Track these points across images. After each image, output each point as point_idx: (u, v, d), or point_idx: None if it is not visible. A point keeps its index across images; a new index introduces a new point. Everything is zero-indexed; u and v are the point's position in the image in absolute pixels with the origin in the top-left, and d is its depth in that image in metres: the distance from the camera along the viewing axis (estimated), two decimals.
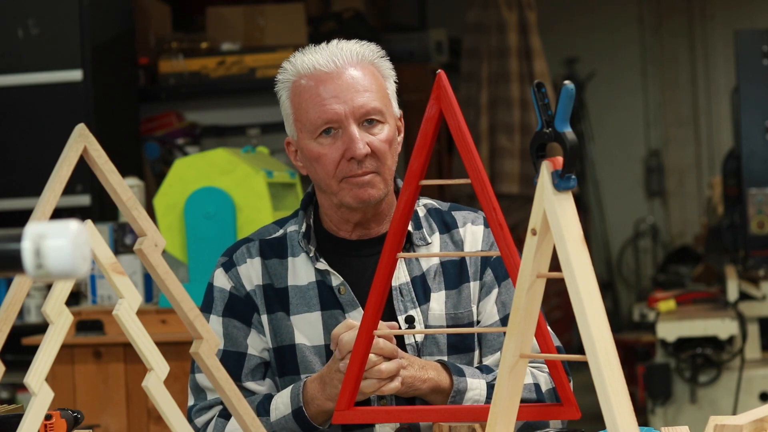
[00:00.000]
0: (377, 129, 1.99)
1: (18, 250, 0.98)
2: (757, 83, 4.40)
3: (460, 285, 2.05)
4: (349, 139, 1.96)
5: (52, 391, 1.41)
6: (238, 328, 2.05)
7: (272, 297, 2.04)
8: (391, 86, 2.05)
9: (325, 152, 1.98)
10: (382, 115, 1.99)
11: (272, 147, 4.44)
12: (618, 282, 7.96)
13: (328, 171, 1.99)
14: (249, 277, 2.06)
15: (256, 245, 2.08)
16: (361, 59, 2.01)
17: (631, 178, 7.95)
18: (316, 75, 2.00)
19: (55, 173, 1.38)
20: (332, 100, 1.97)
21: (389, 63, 2.06)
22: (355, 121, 1.97)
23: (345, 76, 1.98)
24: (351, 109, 1.97)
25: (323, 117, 1.98)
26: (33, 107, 4.34)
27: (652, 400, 4.36)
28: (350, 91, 1.97)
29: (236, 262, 2.07)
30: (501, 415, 1.44)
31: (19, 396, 4.22)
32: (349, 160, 1.97)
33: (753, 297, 4.44)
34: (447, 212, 2.11)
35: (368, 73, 2.00)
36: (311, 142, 2.00)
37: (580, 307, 1.31)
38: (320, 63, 2.00)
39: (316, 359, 2.02)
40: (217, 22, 5.08)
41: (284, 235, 2.08)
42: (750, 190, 4.37)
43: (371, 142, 1.97)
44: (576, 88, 1.40)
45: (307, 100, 2.00)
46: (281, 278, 2.05)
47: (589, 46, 7.80)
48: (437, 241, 2.07)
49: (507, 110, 5.49)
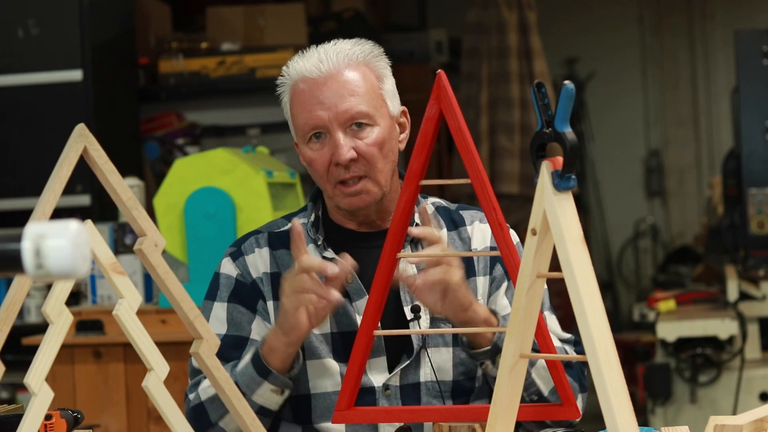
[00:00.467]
0: (365, 132, 2.00)
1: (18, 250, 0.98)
2: (757, 83, 4.40)
3: (467, 279, 2.06)
4: (334, 144, 1.99)
5: (52, 391, 1.41)
6: (243, 313, 2.06)
7: (279, 284, 2.05)
8: (387, 85, 2.05)
9: (315, 157, 2.01)
10: (370, 117, 2.00)
11: (272, 147, 4.44)
12: (618, 282, 7.95)
13: (321, 175, 2.02)
14: (256, 265, 2.08)
15: (265, 237, 2.11)
16: (350, 61, 2.01)
17: (631, 178, 7.95)
18: (305, 80, 2.02)
19: (55, 173, 1.38)
20: (317, 107, 1.99)
21: (385, 61, 2.06)
22: (339, 126, 1.99)
23: (330, 82, 1.99)
24: (335, 115, 1.98)
25: (309, 123, 2.01)
26: (33, 107, 4.33)
27: (652, 400, 4.36)
28: (335, 96, 1.99)
29: (244, 251, 2.10)
30: (501, 415, 1.44)
31: (19, 396, 4.22)
32: (336, 165, 1.99)
33: (753, 297, 4.44)
34: (455, 211, 2.14)
35: (358, 74, 2.01)
36: (304, 147, 2.04)
37: (580, 307, 1.31)
38: (306, 69, 2.02)
39: (323, 346, 2.03)
40: (217, 22, 5.08)
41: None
42: (750, 190, 4.37)
43: (357, 147, 1.99)
44: (576, 88, 1.40)
45: (297, 106, 2.03)
46: (289, 267, 2.06)
47: (589, 46, 7.79)
48: (445, 238, 2.07)
49: (507, 110, 5.49)
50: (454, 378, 2.05)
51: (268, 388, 1.94)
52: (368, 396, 2.01)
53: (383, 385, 2.02)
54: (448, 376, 2.05)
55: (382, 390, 2.02)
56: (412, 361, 2.03)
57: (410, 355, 2.03)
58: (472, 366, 2.05)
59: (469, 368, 2.06)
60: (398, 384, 2.02)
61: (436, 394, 2.04)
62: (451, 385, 2.05)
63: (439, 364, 2.03)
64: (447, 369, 2.04)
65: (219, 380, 1.41)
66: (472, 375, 2.06)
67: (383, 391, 2.02)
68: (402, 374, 2.03)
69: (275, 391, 1.95)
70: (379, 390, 2.02)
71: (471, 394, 2.07)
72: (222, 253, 2.14)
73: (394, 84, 2.08)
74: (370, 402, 2.01)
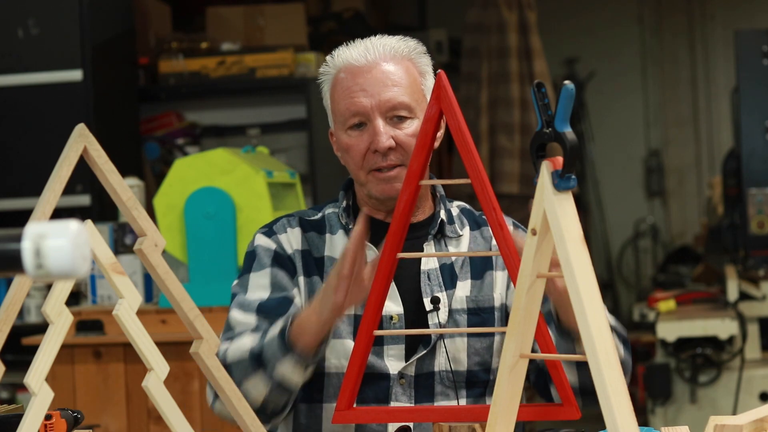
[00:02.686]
0: (406, 124, 2.04)
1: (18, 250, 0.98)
2: (757, 83, 4.40)
3: (483, 273, 2.10)
4: (374, 132, 2.02)
5: (52, 391, 1.41)
6: (285, 278, 2.08)
7: (310, 262, 2.09)
8: (428, 82, 2.09)
9: (353, 143, 2.05)
10: (411, 110, 2.04)
11: (272, 147, 4.44)
12: (618, 282, 7.95)
13: (356, 162, 2.05)
14: (289, 242, 2.11)
15: (296, 219, 2.14)
16: (396, 54, 2.05)
17: (631, 178, 7.95)
18: (350, 68, 2.05)
19: (55, 173, 1.38)
20: (360, 94, 2.03)
21: (427, 59, 2.11)
22: (381, 114, 2.02)
23: (375, 71, 2.03)
24: (377, 103, 2.02)
25: (351, 109, 2.04)
26: (33, 107, 4.33)
27: (652, 400, 4.36)
28: (378, 85, 2.02)
29: (277, 231, 2.13)
30: (501, 415, 1.44)
31: (19, 396, 4.22)
32: (374, 152, 2.03)
33: (753, 297, 4.44)
34: (479, 216, 2.18)
35: (402, 68, 2.05)
36: (343, 134, 2.07)
37: (580, 307, 1.31)
38: (353, 57, 2.05)
39: (346, 327, 2.04)
40: (217, 22, 5.08)
41: (322, 217, 2.15)
42: (750, 190, 4.37)
43: (396, 136, 2.02)
44: (576, 88, 1.40)
45: (340, 93, 2.06)
46: (319, 249, 2.10)
47: (589, 46, 7.79)
48: (467, 236, 2.14)
49: (507, 110, 5.48)
50: (469, 368, 2.07)
51: (290, 363, 1.93)
52: (383, 382, 2.03)
53: (398, 373, 2.03)
54: (462, 366, 2.07)
55: (397, 378, 2.03)
56: (429, 350, 2.05)
57: (427, 345, 2.05)
58: (487, 357, 2.08)
59: (484, 359, 2.08)
60: (413, 374, 2.04)
61: (450, 384, 2.05)
62: (465, 375, 2.07)
63: (453, 354, 2.06)
64: (461, 359, 2.06)
65: (219, 380, 1.41)
66: (486, 366, 2.08)
67: (398, 379, 2.03)
68: (417, 363, 2.05)
69: (297, 368, 1.94)
70: (393, 377, 2.03)
71: (484, 385, 2.09)
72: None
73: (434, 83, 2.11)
74: (384, 388, 2.03)
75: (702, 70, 7.79)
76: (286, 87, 4.68)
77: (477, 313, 2.08)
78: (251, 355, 1.95)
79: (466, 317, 2.06)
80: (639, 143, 7.94)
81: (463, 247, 2.12)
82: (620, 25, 7.88)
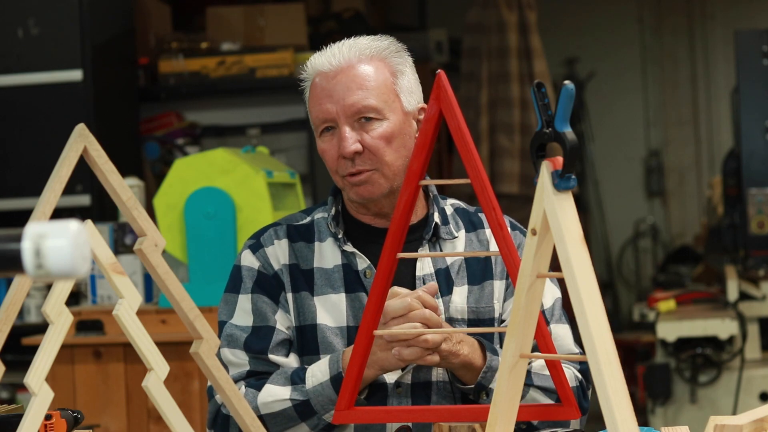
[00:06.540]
0: (373, 125, 2.02)
1: (18, 250, 0.98)
2: (757, 83, 4.40)
3: (483, 281, 2.09)
4: (340, 137, 2.02)
5: (52, 391, 1.41)
6: (267, 303, 2.07)
7: (298, 276, 2.08)
8: (403, 81, 2.06)
9: (326, 149, 2.06)
10: (378, 111, 2.02)
11: (272, 147, 4.44)
12: (618, 282, 7.95)
13: (331, 167, 2.06)
14: (276, 256, 2.10)
15: (284, 229, 2.13)
16: (363, 55, 2.04)
17: (631, 178, 7.95)
18: (320, 74, 2.06)
19: (55, 173, 1.38)
20: (326, 100, 2.03)
21: (404, 57, 2.08)
22: (346, 119, 2.02)
23: (341, 75, 2.03)
24: (342, 108, 2.02)
25: (320, 117, 2.05)
26: (33, 107, 4.34)
27: (652, 400, 4.36)
28: (343, 89, 2.02)
29: (264, 243, 2.11)
30: (501, 415, 1.44)
31: (19, 396, 4.22)
32: (343, 158, 2.02)
33: (753, 297, 4.44)
34: (474, 213, 2.16)
35: (371, 68, 2.04)
36: (318, 140, 2.09)
37: (580, 307, 1.31)
38: (321, 63, 2.06)
39: (338, 340, 2.04)
40: (217, 22, 5.08)
41: (311, 222, 2.13)
42: (750, 190, 4.37)
43: (363, 140, 2.02)
44: (576, 88, 1.40)
45: (312, 99, 2.08)
46: (307, 260, 2.09)
47: (589, 46, 7.79)
48: (462, 238, 2.12)
49: (507, 110, 5.49)
50: None
51: None
52: (379, 392, 2.03)
53: (395, 382, 2.03)
54: None
55: (394, 387, 2.03)
56: None
57: None
58: None
59: None
60: (410, 382, 2.04)
61: (447, 394, 2.04)
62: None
63: None
64: None
65: (219, 380, 1.41)
66: None
67: (395, 388, 2.03)
68: (414, 372, 2.04)
69: None
70: (390, 387, 2.03)
71: None
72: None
73: (416, 80, 2.10)
74: (381, 398, 2.03)
75: (702, 70, 7.79)
76: (286, 87, 4.68)
77: (477, 324, 2.07)
78: (294, 405, 1.98)
79: (466, 327, 2.05)
80: (639, 143, 7.94)
81: (459, 250, 2.10)
82: (620, 25, 7.88)
